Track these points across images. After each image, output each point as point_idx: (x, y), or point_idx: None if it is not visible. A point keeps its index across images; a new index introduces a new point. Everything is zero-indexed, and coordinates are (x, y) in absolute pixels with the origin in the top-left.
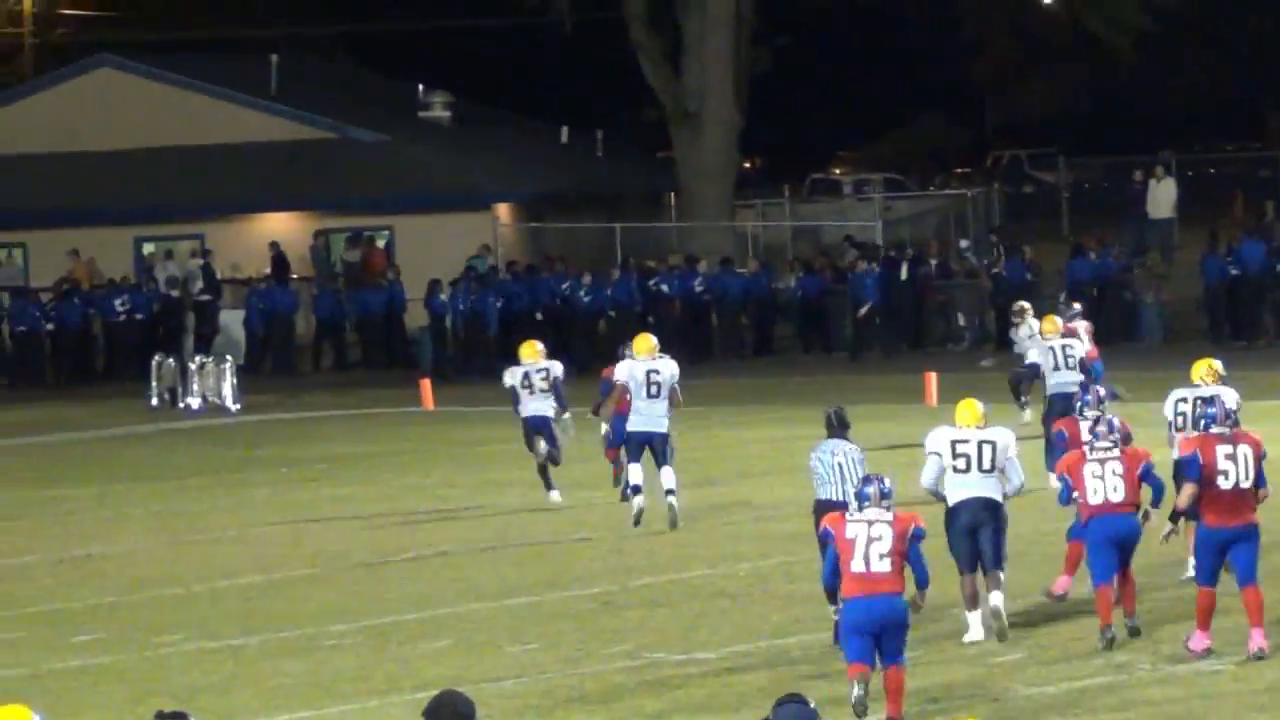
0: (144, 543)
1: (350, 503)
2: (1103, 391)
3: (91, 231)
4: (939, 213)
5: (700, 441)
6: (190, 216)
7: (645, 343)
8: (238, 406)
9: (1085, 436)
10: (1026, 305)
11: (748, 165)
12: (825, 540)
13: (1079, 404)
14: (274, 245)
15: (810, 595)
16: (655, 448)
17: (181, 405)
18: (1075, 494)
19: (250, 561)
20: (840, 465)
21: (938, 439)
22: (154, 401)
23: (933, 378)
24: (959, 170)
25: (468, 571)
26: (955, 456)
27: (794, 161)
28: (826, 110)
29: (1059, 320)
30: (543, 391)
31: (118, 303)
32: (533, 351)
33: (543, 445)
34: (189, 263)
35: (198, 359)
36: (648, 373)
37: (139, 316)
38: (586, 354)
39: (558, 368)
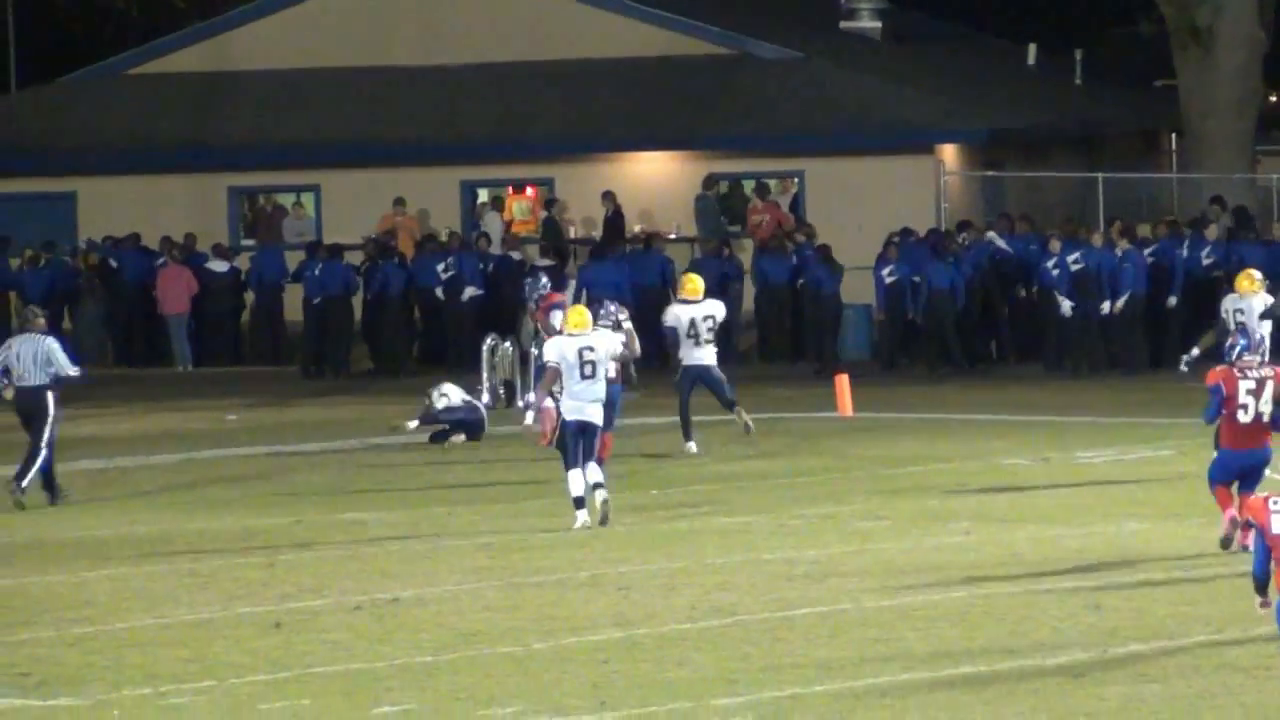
0: (468, 585)
1: (738, 537)
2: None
3: (403, 172)
4: None
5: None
6: (535, 154)
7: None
8: None
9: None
10: None
11: (1275, 99)
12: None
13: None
14: (608, 196)
15: None
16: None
17: (520, 404)
18: None
19: (609, 612)
20: None
21: None
22: (485, 398)
23: None
24: None
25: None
26: None
27: None
28: None
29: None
30: (707, 341)
31: (440, 268)
32: (697, 288)
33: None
34: (529, 214)
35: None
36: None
37: (467, 286)
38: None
39: (721, 310)
